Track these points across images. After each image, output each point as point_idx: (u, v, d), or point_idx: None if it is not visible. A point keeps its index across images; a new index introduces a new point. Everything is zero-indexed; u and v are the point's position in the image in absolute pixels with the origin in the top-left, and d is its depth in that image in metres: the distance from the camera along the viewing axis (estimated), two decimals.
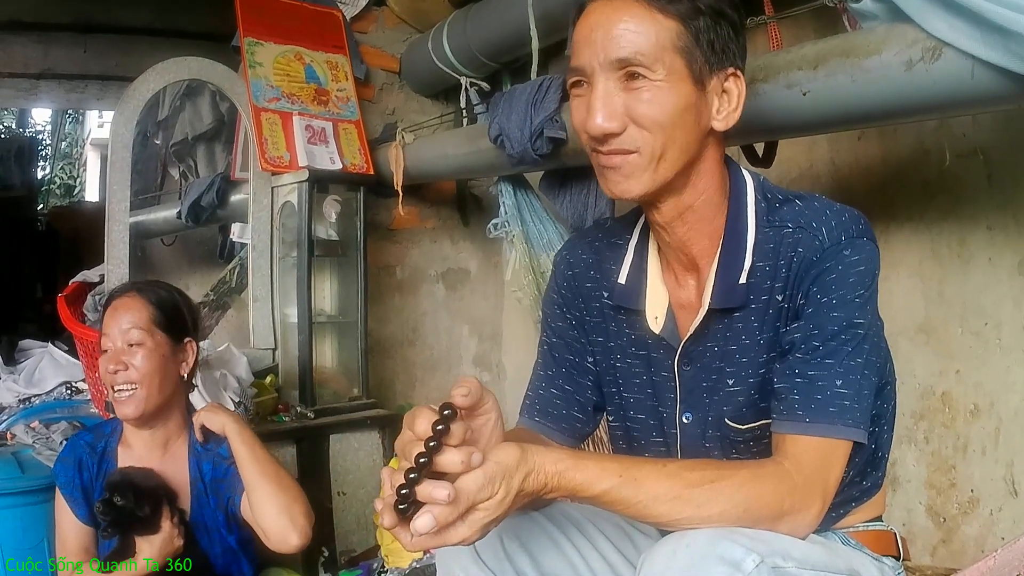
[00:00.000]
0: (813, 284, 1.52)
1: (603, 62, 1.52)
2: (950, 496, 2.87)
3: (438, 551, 1.73)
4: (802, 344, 1.52)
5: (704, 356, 1.66)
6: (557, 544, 1.72)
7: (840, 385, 1.48)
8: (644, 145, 1.52)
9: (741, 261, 1.60)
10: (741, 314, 1.61)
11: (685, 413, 1.70)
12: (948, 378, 2.87)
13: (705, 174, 1.63)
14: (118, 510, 2.43)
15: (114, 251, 3.84)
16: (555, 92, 3.16)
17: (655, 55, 1.49)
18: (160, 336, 2.62)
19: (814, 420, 1.47)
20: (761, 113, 2.30)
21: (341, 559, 3.88)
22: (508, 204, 3.72)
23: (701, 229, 1.65)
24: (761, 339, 1.60)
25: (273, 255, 4.23)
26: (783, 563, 1.33)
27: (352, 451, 3.98)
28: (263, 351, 4.16)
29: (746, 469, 1.46)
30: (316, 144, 4.18)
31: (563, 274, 1.91)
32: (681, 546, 1.32)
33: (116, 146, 3.89)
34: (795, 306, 1.55)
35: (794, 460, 1.46)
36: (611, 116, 1.52)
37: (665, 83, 1.50)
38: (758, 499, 1.39)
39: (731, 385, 1.63)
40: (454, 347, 5.06)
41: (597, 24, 1.53)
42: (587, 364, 1.86)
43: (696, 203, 1.63)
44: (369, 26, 4.80)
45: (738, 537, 1.31)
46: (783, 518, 1.41)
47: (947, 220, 2.84)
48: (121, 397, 2.53)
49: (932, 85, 2.01)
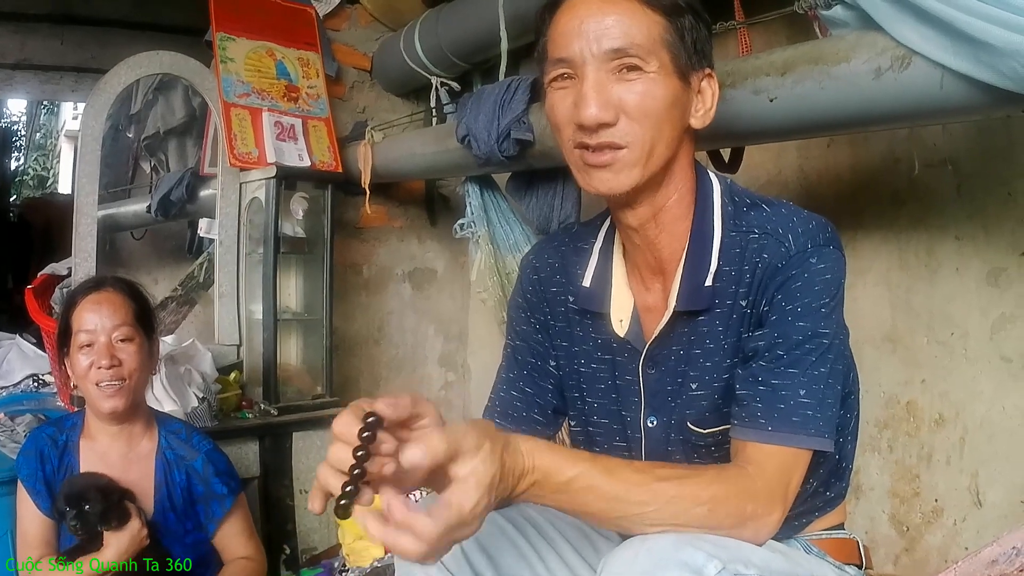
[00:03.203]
0: (778, 291, 1.52)
1: (596, 52, 1.51)
2: (914, 505, 2.87)
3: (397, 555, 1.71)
4: (766, 352, 1.51)
5: (668, 359, 1.66)
6: (516, 546, 1.71)
7: (804, 395, 1.47)
8: (634, 139, 1.52)
9: (707, 264, 1.60)
10: (706, 318, 1.61)
11: (650, 417, 1.70)
12: (914, 387, 2.87)
13: (679, 173, 1.63)
14: (88, 516, 2.45)
15: (82, 244, 3.81)
16: (523, 93, 3.13)
17: (648, 47, 1.51)
18: (141, 332, 2.68)
19: (776, 429, 1.47)
20: (728, 118, 2.28)
21: (302, 557, 3.89)
22: (475, 205, 3.70)
23: (672, 231, 1.65)
24: (725, 344, 1.59)
25: (240, 251, 4.20)
26: (744, 570, 1.31)
27: (315, 449, 3.97)
28: (228, 347, 4.14)
29: (712, 471, 1.46)
30: (285, 140, 4.15)
31: (529, 278, 1.91)
32: (643, 550, 1.30)
33: (86, 138, 3.88)
34: (759, 312, 1.55)
35: (757, 466, 1.45)
36: (605, 105, 1.51)
37: (658, 75, 1.52)
38: (724, 500, 1.39)
39: (694, 389, 1.63)
40: (419, 346, 5.04)
41: (587, 15, 1.53)
42: (549, 368, 1.86)
43: (668, 203, 1.63)
44: (342, 23, 4.78)
45: (700, 543, 1.29)
46: (746, 523, 1.40)
47: (915, 229, 2.84)
48: (109, 391, 2.57)
49: (901, 94, 2.00)
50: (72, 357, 2.62)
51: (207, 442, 2.84)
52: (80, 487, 2.49)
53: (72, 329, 2.61)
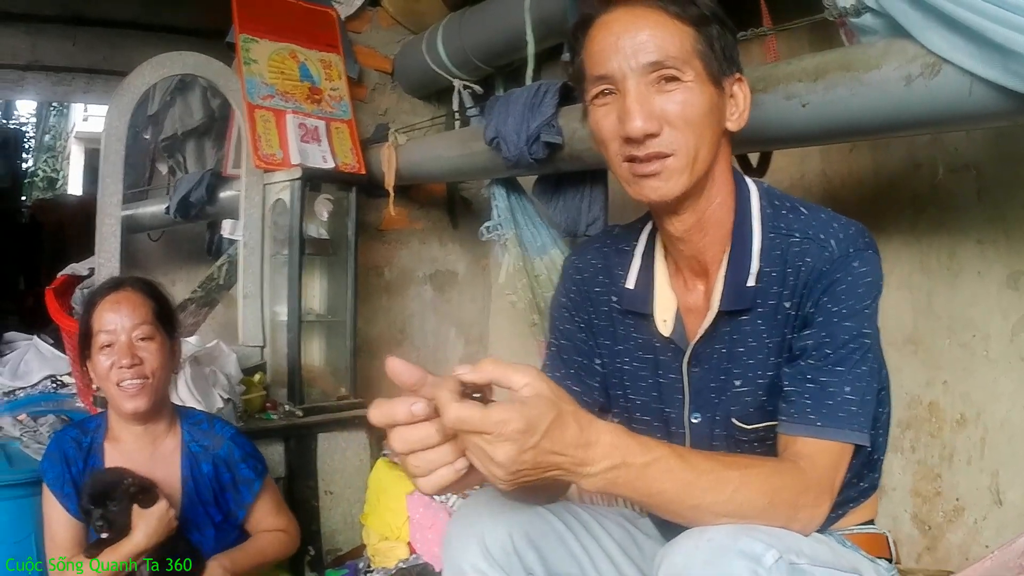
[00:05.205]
0: (824, 294, 1.57)
1: (635, 67, 1.55)
2: (935, 504, 2.90)
3: (446, 548, 1.76)
4: (814, 351, 1.56)
5: (712, 358, 1.70)
6: (565, 542, 1.75)
7: (848, 392, 1.53)
8: (679, 147, 1.56)
9: (748, 265, 1.64)
10: (748, 317, 1.65)
11: (694, 413, 1.74)
12: (935, 388, 2.90)
13: (719, 178, 1.68)
14: (114, 513, 2.45)
15: (105, 245, 3.82)
16: (552, 97, 3.17)
17: (682, 58, 1.55)
18: (162, 331, 2.67)
19: (825, 424, 1.52)
20: (759, 123, 2.28)
21: (327, 558, 3.90)
22: (501, 207, 3.71)
23: (715, 234, 1.69)
24: (769, 342, 1.64)
25: (264, 253, 4.22)
26: (797, 560, 1.36)
27: (340, 450, 4.00)
28: (251, 348, 4.15)
29: (770, 463, 1.53)
30: (309, 142, 4.18)
31: (572, 278, 1.94)
32: (703, 540, 1.35)
33: (109, 139, 3.88)
34: (804, 313, 1.60)
35: (808, 460, 1.51)
36: (649, 116, 1.55)
37: (694, 84, 1.56)
38: (781, 491, 1.45)
39: (738, 386, 1.67)
40: (440, 349, 5.06)
41: (622, 31, 1.57)
42: (595, 366, 1.90)
43: (711, 208, 1.68)
44: (363, 26, 4.82)
45: (757, 534, 1.34)
46: (798, 514, 1.46)
47: (937, 233, 2.87)
48: (131, 390, 2.55)
49: (931, 100, 2.04)
50: (93, 358, 2.60)
51: (230, 428, 2.85)
52: (104, 484, 2.48)
53: (93, 330, 2.61)
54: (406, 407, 1.26)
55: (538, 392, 1.25)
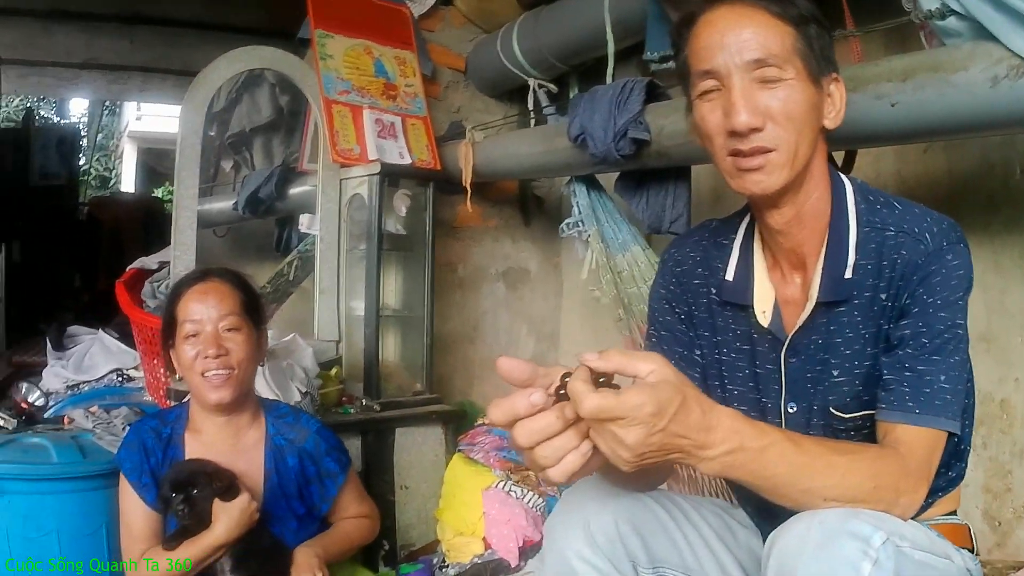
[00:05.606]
0: (919, 286, 1.61)
1: (739, 63, 1.60)
2: (1006, 500, 2.94)
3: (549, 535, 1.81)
4: (911, 341, 1.60)
5: (809, 348, 1.73)
6: (666, 529, 1.79)
7: (943, 380, 1.58)
8: (781, 143, 1.61)
9: (845, 258, 1.69)
10: (845, 308, 1.69)
11: (790, 403, 1.77)
12: (1007, 386, 2.93)
13: (817, 173, 1.72)
14: (196, 500, 2.45)
15: (181, 237, 3.87)
16: (639, 94, 3.18)
17: (784, 56, 1.60)
18: (249, 322, 2.66)
19: (923, 412, 1.57)
20: (849, 121, 2.30)
21: (401, 553, 3.91)
22: (582, 204, 3.72)
23: (812, 227, 1.73)
24: (865, 333, 1.68)
25: (340, 247, 4.23)
26: (900, 542, 1.40)
27: (416, 445, 4.01)
28: (327, 343, 4.17)
29: (873, 449, 1.58)
30: (385, 138, 4.20)
31: (671, 270, 1.98)
32: (814, 523, 1.40)
33: (185, 133, 3.92)
34: (900, 305, 1.63)
35: (907, 446, 1.56)
36: (754, 112, 1.59)
37: (796, 81, 1.61)
38: (885, 476, 1.50)
39: (836, 376, 1.71)
40: (512, 346, 5.08)
41: (727, 28, 1.62)
42: (695, 357, 1.92)
43: (809, 202, 1.72)
44: (436, 24, 4.86)
45: (865, 516, 1.40)
46: (899, 499, 1.50)
47: (1011, 233, 2.90)
48: (216, 381, 2.54)
49: (1016, 101, 2.10)
50: (178, 348, 2.60)
51: (315, 421, 2.85)
52: (187, 472, 2.49)
53: (177, 320, 2.60)
54: (525, 399, 1.28)
55: (664, 378, 1.29)
